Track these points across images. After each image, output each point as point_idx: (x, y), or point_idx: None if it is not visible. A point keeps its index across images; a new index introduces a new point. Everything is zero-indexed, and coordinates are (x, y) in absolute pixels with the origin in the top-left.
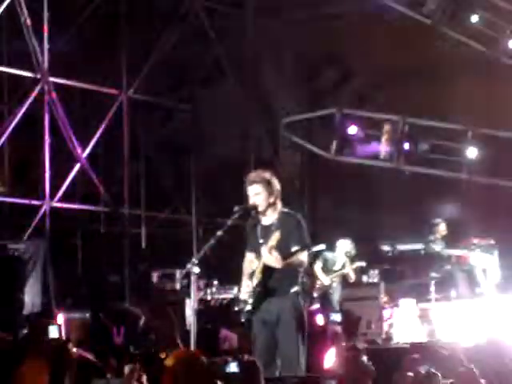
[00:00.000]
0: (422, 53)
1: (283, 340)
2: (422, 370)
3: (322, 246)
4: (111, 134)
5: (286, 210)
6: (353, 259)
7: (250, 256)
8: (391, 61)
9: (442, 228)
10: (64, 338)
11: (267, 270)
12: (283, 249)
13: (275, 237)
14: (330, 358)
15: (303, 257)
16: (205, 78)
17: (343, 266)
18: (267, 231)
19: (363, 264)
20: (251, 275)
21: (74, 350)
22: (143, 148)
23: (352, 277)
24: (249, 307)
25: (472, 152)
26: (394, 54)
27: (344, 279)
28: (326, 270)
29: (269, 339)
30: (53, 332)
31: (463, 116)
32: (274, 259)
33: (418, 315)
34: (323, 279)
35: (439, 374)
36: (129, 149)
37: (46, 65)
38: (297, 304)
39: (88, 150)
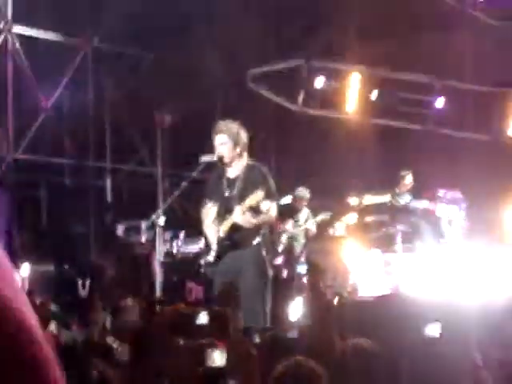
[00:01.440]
0: (390, 4)
1: (246, 291)
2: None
3: (288, 199)
4: (76, 85)
5: (252, 162)
6: (316, 212)
7: (211, 206)
8: (361, 12)
9: (409, 180)
10: (28, 289)
11: (235, 226)
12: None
13: (256, 197)
14: (295, 310)
15: (273, 212)
16: (171, 28)
17: (306, 220)
18: (232, 183)
19: (328, 216)
20: (214, 226)
21: (38, 301)
22: (108, 99)
23: (313, 230)
24: (211, 259)
25: (440, 102)
26: (364, 4)
27: (306, 232)
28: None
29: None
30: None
31: (431, 69)
32: (246, 221)
33: (383, 266)
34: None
35: None
36: (93, 100)
37: (9, 14)
38: (259, 255)
39: (52, 101)
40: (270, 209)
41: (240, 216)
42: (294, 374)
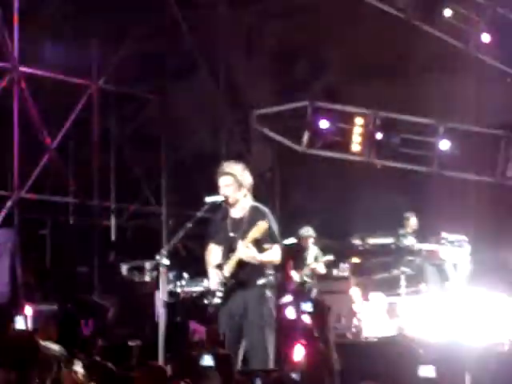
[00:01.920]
0: (394, 47)
1: (249, 332)
2: None
3: (292, 240)
4: (82, 125)
5: (256, 204)
6: (323, 253)
7: (215, 248)
8: (364, 54)
9: (413, 222)
10: (30, 329)
11: (239, 264)
12: (254, 245)
13: (261, 227)
14: (299, 352)
15: (276, 253)
16: (176, 69)
17: (316, 258)
18: (237, 224)
19: (331, 257)
20: (218, 267)
21: (41, 342)
22: (114, 139)
23: (322, 271)
24: (218, 300)
25: (444, 145)
26: (368, 47)
27: (313, 271)
28: (298, 264)
29: (235, 332)
30: (19, 323)
31: (435, 111)
32: (250, 256)
33: (387, 309)
34: (294, 276)
35: None
36: (99, 140)
37: (16, 54)
38: (263, 296)
39: (58, 141)
40: (274, 249)
41: (244, 250)
42: None
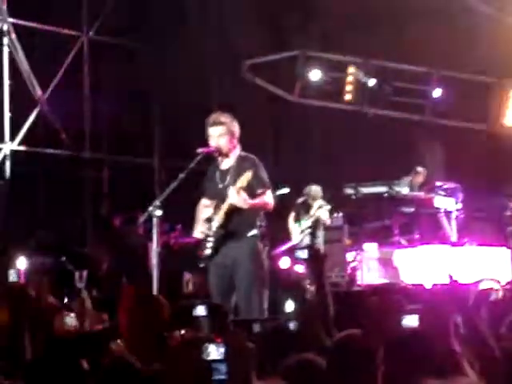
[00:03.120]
0: None
1: (241, 284)
2: None
3: (285, 190)
4: (72, 76)
5: (242, 153)
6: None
7: (205, 201)
8: (355, 2)
9: (421, 177)
10: (23, 282)
11: (230, 213)
12: (246, 192)
13: (245, 177)
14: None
15: (268, 198)
16: (167, 17)
17: (319, 207)
18: (225, 175)
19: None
20: (208, 220)
21: (33, 294)
22: (105, 91)
23: (325, 219)
24: (208, 251)
25: (437, 93)
26: None
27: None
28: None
29: (225, 284)
30: (12, 276)
31: (427, 59)
32: (242, 200)
33: (380, 259)
34: (294, 235)
35: None
36: (90, 92)
37: (5, 5)
38: (254, 247)
39: (48, 93)
40: (266, 193)
41: (235, 196)
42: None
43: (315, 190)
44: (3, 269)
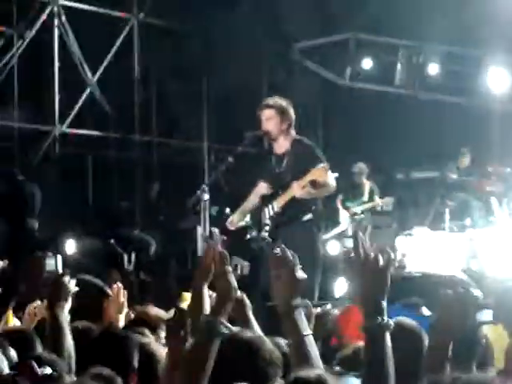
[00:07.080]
0: None
1: None
2: None
3: (334, 175)
4: (122, 59)
5: (298, 137)
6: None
7: (263, 186)
8: None
9: (467, 159)
10: (62, 270)
11: (290, 201)
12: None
13: (317, 171)
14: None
15: (331, 180)
16: (218, 1)
17: (371, 197)
18: (281, 159)
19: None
20: (265, 202)
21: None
22: (154, 74)
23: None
24: (265, 234)
25: (490, 76)
26: None
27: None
28: (352, 200)
29: None
30: (51, 263)
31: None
32: (306, 193)
33: (430, 244)
34: (343, 219)
35: None
36: (139, 74)
37: None
38: (310, 231)
39: (98, 75)
40: (329, 178)
41: (299, 190)
42: None
43: (359, 167)
44: (44, 257)
